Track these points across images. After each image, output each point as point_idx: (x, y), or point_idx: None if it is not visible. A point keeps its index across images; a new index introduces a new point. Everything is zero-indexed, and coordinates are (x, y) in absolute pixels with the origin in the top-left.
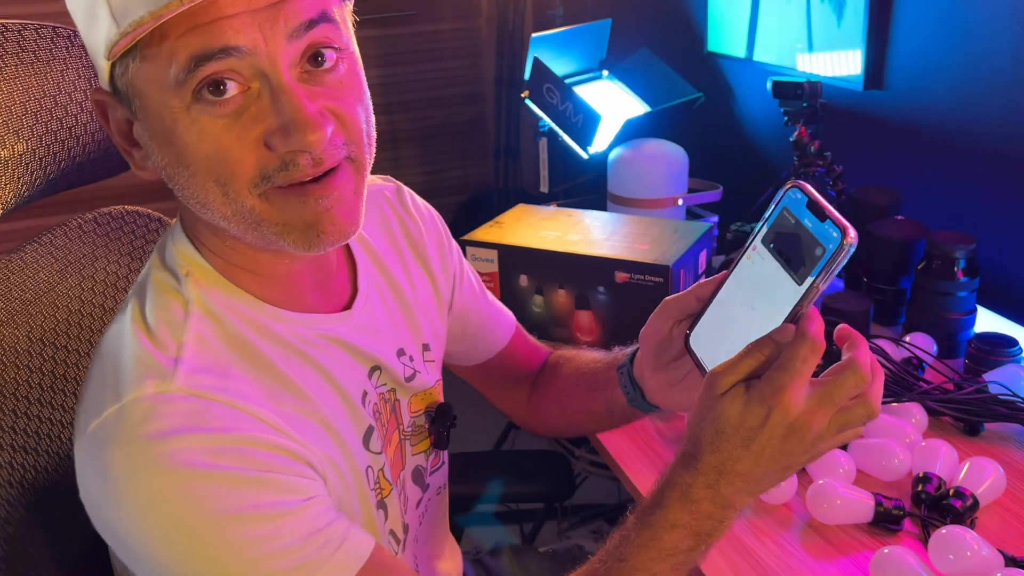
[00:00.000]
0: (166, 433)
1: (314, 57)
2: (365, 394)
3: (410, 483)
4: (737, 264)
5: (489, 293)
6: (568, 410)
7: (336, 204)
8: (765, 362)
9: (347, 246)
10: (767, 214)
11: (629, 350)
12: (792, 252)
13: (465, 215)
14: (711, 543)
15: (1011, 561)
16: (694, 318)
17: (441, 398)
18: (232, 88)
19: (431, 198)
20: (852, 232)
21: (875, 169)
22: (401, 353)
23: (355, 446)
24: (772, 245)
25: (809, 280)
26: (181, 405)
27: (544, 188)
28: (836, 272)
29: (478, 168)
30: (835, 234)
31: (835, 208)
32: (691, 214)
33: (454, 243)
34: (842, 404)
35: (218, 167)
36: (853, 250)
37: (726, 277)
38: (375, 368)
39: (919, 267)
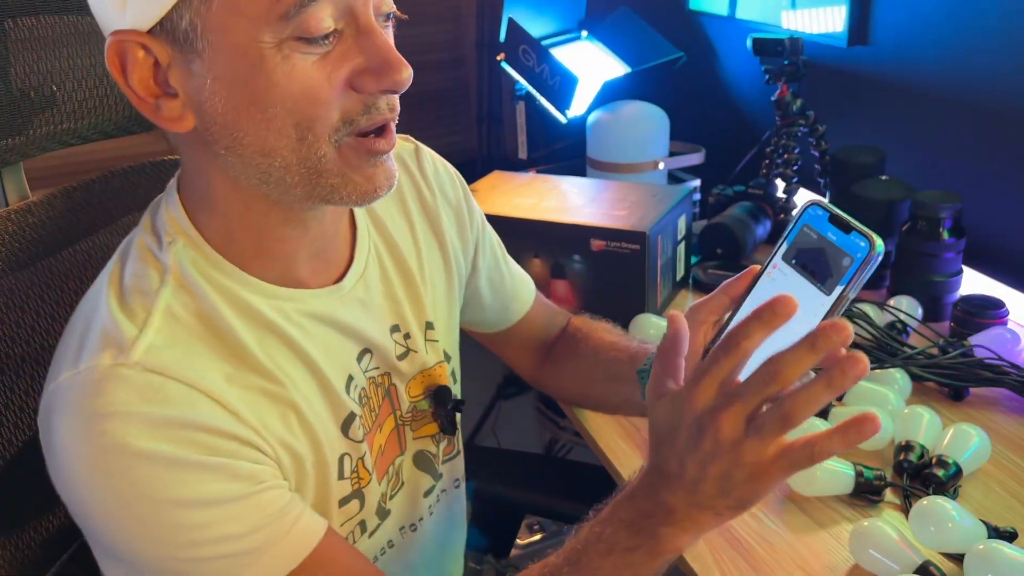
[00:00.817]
0: (113, 409)
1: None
2: (350, 379)
3: (414, 469)
4: (757, 282)
5: (511, 260)
6: (584, 390)
7: (391, 157)
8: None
9: (351, 211)
10: (787, 232)
11: (652, 350)
12: (817, 265)
13: None
14: (654, 549)
15: (994, 532)
16: (710, 342)
17: (446, 381)
18: (328, 26)
19: None
20: (878, 240)
21: (860, 128)
22: (395, 329)
23: (329, 434)
24: (794, 261)
25: (839, 289)
26: (135, 380)
27: (522, 154)
28: (864, 281)
29: (462, 135)
30: (862, 244)
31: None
32: (673, 178)
33: (476, 208)
34: (745, 400)
35: (304, 108)
36: (880, 258)
37: (748, 289)
38: (365, 351)
39: (903, 228)
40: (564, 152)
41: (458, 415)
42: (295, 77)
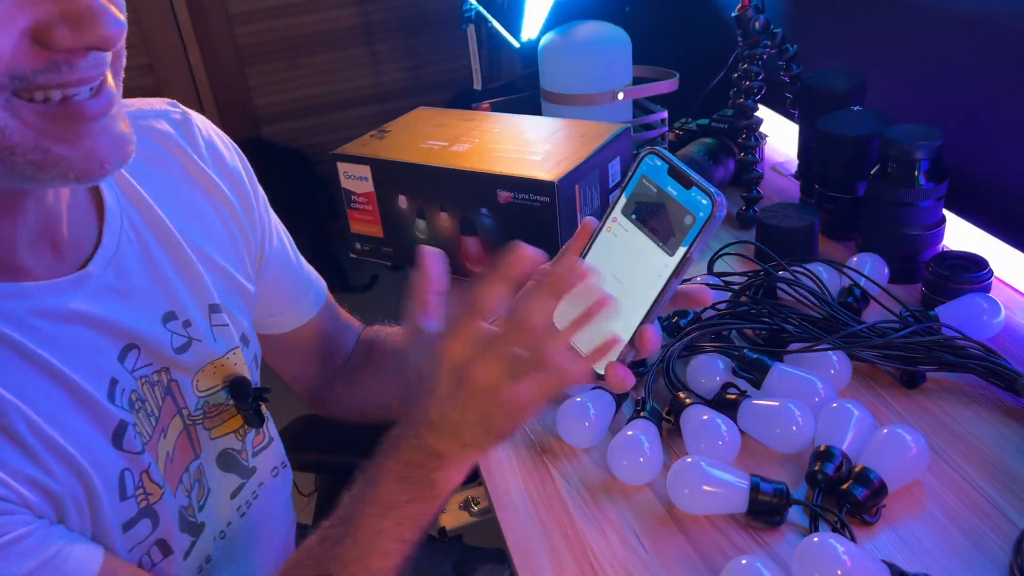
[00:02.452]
0: None
1: None
2: (114, 383)
3: (216, 471)
4: (596, 238)
5: (300, 255)
6: (392, 393)
7: (115, 121)
8: None
9: (95, 187)
10: (624, 183)
11: None
12: (659, 222)
13: None
14: (430, 495)
15: None
16: None
17: (244, 369)
18: None
19: (415, 96)
20: (720, 199)
21: (840, 48)
22: (170, 318)
23: (97, 452)
24: (634, 216)
25: (682, 250)
26: None
27: (477, 84)
28: (708, 239)
29: (465, 61)
30: (704, 201)
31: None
32: (642, 110)
33: (259, 189)
34: (496, 351)
35: None
36: (722, 219)
37: (588, 245)
38: (130, 347)
39: (872, 171)
40: (525, 81)
41: (263, 404)
42: None
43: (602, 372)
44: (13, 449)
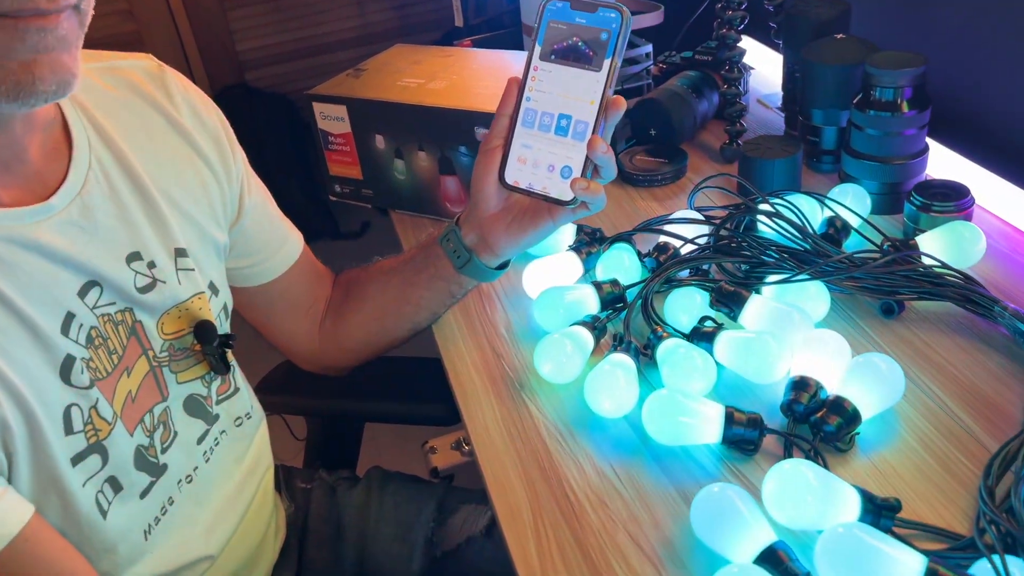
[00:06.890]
0: None
1: None
2: (70, 317)
3: (183, 416)
4: (524, 91)
5: (277, 207)
6: (382, 315)
7: (59, 44)
8: None
9: (64, 124)
10: (535, 35)
11: (445, 226)
12: (578, 52)
13: None
14: None
15: (869, 503)
16: (501, 159)
17: (211, 316)
18: None
19: (402, 37)
20: (626, 9)
21: None
22: (134, 258)
23: (43, 383)
24: (553, 57)
25: (607, 62)
26: None
27: (458, 21)
28: (625, 48)
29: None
30: (613, 15)
31: None
32: None
33: (238, 145)
34: None
35: None
36: (631, 23)
37: (519, 101)
38: (91, 284)
39: (855, 100)
40: (510, 18)
41: (229, 351)
42: None
43: (571, 197)
44: None
